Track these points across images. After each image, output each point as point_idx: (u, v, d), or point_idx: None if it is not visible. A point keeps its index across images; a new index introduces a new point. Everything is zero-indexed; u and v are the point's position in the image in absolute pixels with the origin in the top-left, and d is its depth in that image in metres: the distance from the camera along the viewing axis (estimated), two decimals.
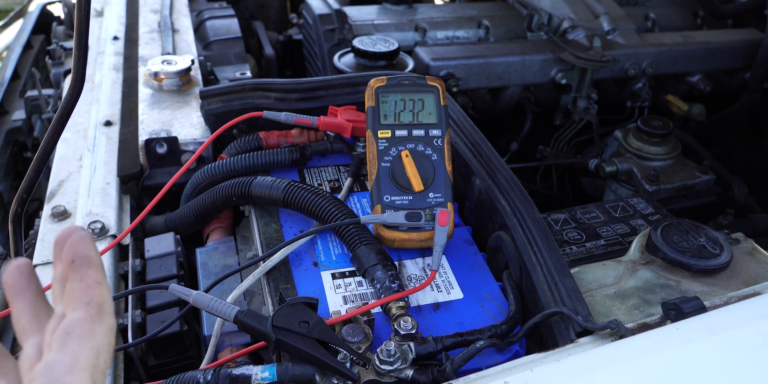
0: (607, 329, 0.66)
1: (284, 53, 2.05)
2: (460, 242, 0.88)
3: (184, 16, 1.61)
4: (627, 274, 0.83)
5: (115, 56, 1.43)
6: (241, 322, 0.67)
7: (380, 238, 0.83)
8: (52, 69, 1.67)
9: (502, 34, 1.80)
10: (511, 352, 0.72)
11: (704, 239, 0.85)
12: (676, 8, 1.98)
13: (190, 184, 0.98)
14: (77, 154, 1.13)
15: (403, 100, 0.88)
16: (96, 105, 1.24)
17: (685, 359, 0.61)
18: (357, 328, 0.69)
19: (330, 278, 0.80)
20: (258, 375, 0.65)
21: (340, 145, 1.03)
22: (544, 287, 0.74)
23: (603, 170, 1.48)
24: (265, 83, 1.07)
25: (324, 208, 0.84)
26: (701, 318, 0.66)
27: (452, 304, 0.78)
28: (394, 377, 0.65)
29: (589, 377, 0.60)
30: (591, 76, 1.66)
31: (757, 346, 0.63)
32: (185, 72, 1.25)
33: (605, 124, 1.82)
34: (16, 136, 1.66)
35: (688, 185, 1.43)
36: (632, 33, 1.75)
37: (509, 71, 1.62)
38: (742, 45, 1.80)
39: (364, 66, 1.47)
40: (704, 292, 0.79)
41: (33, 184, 0.76)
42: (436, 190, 0.84)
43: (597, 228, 1.10)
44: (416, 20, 1.77)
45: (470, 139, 0.99)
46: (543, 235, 0.79)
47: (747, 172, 1.81)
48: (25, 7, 2.24)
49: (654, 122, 1.49)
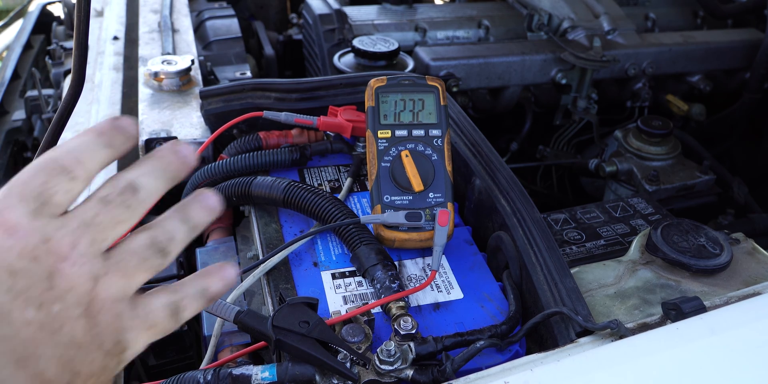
0: (607, 329, 0.66)
1: (284, 53, 2.05)
2: (460, 242, 0.88)
3: (184, 16, 1.61)
4: (627, 274, 0.83)
5: (115, 56, 1.43)
6: (241, 322, 0.68)
7: (380, 238, 0.83)
8: (52, 69, 1.68)
9: (502, 34, 1.80)
10: (511, 352, 0.72)
11: (704, 239, 0.85)
12: (676, 8, 1.98)
13: (190, 184, 0.98)
14: None
15: (403, 100, 0.88)
16: (96, 105, 1.24)
17: (685, 359, 0.61)
18: (357, 328, 0.69)
19: (330, 278, 0.80)
20: (258, 375, 0.65)
21: (340, 145, 1.03)
22: (544, 287, 0.74)
23: (603, 170, 1.48)
24: (265, 83, 1.07)
25: (324, 208, 0.84)
26: (701, 318, 0.66)
27: (452, 304, 0.78)
28: (394, 377, 0.65)
29: (589, 377, 0.60)
30: (591, 76, 1.66)
31: (757, 346, 0.63)
32: (185, 72, 1.25)
33: (605, 124, 1.82)
34: (16, 136, 1.66)
35: (688, 185, 1.43)
36: (632, 33, 1.75)
37: (509, 71, 1.62)
38: (742, 45, 1.80)
39: (364, 66, 1.47)
40: (704, 292, 0.79)
41: None
42: (436, 190, 0.84)
43: (597, 228, 1.10)
44: (416, 20, 1.77)
45: (470, 139, 0.99)
46: (543, 235, 0.79)
47: (747, 172, 1.81)
48: (25, 7, 2.24)
49: (654, 122, 1.49)
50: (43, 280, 0.39)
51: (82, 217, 0.41)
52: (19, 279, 0.39)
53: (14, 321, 0.38)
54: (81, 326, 0.40)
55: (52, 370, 0.39)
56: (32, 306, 0.39)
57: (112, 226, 0.42)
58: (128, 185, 0.43)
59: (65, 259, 0.40)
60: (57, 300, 0.40)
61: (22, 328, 0.38)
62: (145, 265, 0.44)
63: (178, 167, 0.45)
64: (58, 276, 0.40)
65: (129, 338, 0.43)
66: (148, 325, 0.44)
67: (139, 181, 0.43)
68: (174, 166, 0.45)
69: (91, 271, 0.41)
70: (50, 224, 0.40)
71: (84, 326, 0.41)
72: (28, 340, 0.39)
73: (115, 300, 0.42)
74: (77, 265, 0.40)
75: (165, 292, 0.46)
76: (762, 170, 1.83)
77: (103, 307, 0.41)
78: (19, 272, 0.39)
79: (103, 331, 0.42)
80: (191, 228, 0.46)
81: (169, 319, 0.45)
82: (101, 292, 0.41)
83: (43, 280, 0.39)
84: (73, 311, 0.40)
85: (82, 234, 0.41)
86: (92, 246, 0.41)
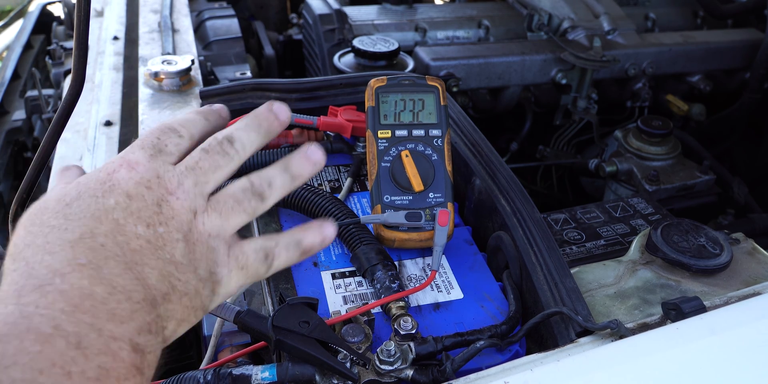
0: (607, 329, 0.66)
1: (284, 53, 2.05)
2: (460, 242, 0.88)
3: (184, 16, 1.61)
4: (627, 274, 0.83)
5: (115, 56, 1.43)
6: (241, 322, 0.67)
7: (380, 238, 0.83)
8: (52, 69, 1.67)
9: (502, 34, 1.80)
10: (511, 352, 0.72)
11: (704, 239, 0.85)
12: (676, 8, 1.98)
13: None
14: (77, 154, 1.13)
15: (403, 100, 0.88)
16: (96, 105, 1.24)
17: (685, 359, 0.61)
18: (357, 328, 0.69)
19: (330, 278, 0.80)
20: (258, 375, 0.65)
21: (340, 145, 1.03)
22: (544, 287, 0.74)
23: (603, 170, 1.48)
24: (265, 83, 1.07)
25: (324, 208, 0.84)
26: (701, 318, 0.66)
27: (452, 304, 0.78)
28: (394, 377, 0.65)
29: (589, 377, 0.60)
30: (591, 76, 1.66)
31: (757, 346, 0.63)
32: (185, 72, 1.24)
33: (605, 124, 1.82)
34: (16, 136, 1.66)
35: (688, 185, 1.43)
36: (632, 33, 1.75)
37: (509, 71, 1.62)
38: (742, 45, 1.80)
39: (364, 66, 1.47)
40: (704, 292, 0.79)
41: (33, 184, 0.76)
42: (436, 190, 0.84)
43: (597, 228, 1.10)
44: (416, 20, 1.77)
45: (470, 139, 0.99)
46: (543, 235, 0.79)
47: (747, 172, 1.81)
48: (25, 7, 2.24)
49: (654, 122, 1.49)
50: (153, 205, 0.47)
51: (187, 162, 0.50)
52: (134, 201, 0.47)
53: (127, 232, 0.46)
54: (180, 249, 0.47)
55: (153, 277, 0.46)
56: (142, 224, 0.47)
57: (212, 171, 0.50)
58: (225, 137, 0.52)
59: (172, 193, 0.48)
60: (162, 223, 0.47)
61: (132, 239, 0.46)
62: (240, 207, 0.51)
63: (272, 123, 0.54)
64: (165, 204, 0.48)
65: (221, 273, 0.50)
66: (240, 266, 0.51)
67: (235, 135, 0.52)
68: (268, 122, 0.54)
69: (191, 206, 0.49)
70: (163, 167, 0.49)
71: (182, 250, 0.48)
72: (136, 249, 0.46)
73: (210, 235, 0.49)
74: (180, 200, 0.48)
75: (261, 239, 0.53)
76: (762, 170, 1.83)
77: (200, 239, 0.49)
78: (135, 196, 0.47)
79: (198, 258, 0.48)
80: (292, 176, 0.54)
81: (261, 264, 0.52)
82: (199, 225, 0.49)
83: (153, 205, 0.47)
84: (175, 235, 0.47)
85: (187, 175, 0.49)
86: (196, 187, 0.49)
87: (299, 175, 0.54)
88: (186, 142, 0.52)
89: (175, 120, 0.53)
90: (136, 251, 0.46)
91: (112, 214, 0.46)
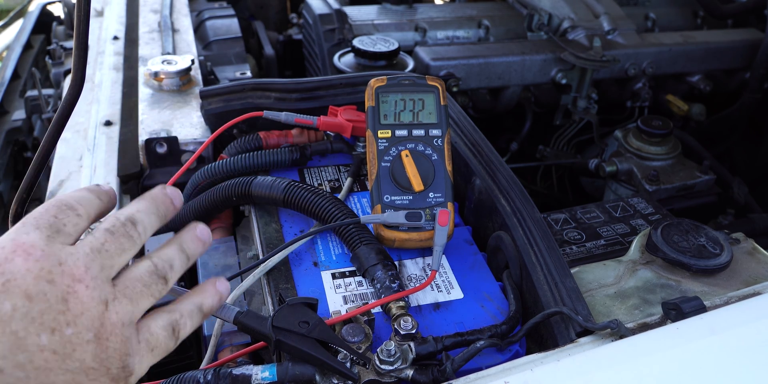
0: (607, 329, 0.66)
1: (284, 53, 2.05)
2: (460, 242, 0.88)
3: (184, 16, 1.61)
4: (627, 274, 0.83)
5: (115, 56, 1.43)
6: (241, 322, 0.67)
7: (380, 238, 0.83)
8: (52, 69, 1.67)
9: (502, 34, 1.80)
10: (511, 352, 0.72)
11: (704, 239, 0.85)
12: (676, 8, 1.98)
13: (190, 184, 0.98)
14: (77, 154, 1.13)
15: (403, 100, 0.88)
16: (96, 105, 1.24)
17: (685, 359, 0.61)
18: (357, 328, 0.69)
19: (330, 278, 0.80)
20: (258, 375, 0.65)
21: (340, 145, 1.03)
22: (544, 287, 0.74)
23: (603, 170, 1.48)
24: (265, 83, 1.07)
25: (324, 208, 0.84)
26: (701, 318, 0.66)
27: (452, 304, 0.78)
28: (394, 377, 0.65)
29: (589, 377, 0.60)
30: (591, 76, 1.66)
31: (757, 346, 0.63)
32: (185, 72, 1.25)
33: (605, 124, 1.82)
34: (16, 136, 1.66)
35: (688, 185, 1.43)
36: (632, 33, 1.75)
37: (509, 71, 1.62)
38: (742, 45, 1.80)
39: (364, 66, 1.47)
40: (704, 292, 0.79)
41: (33, 184, 0.76)
42: (436, 190, 0.84)
43: (597, 228, 1.10)
44: (416, 20, 1.77)
45: (470, 139, 0.99)
46: (543, 235, 0.79)
47: (747, 172, 1.81)
48: (25, 7, 2.24)
49: (654, 122, 1.49)
50: (57, 303, 0.41)
51: (92, 244, 0.45)
52: (35, 303, 0.41)
53: (29, 347, 0.40)
54: (91, 351, 0.42)
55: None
56: (46, 331, 0.41)
57: (118, 254, 0.46)
58: (128, 218, 0.48)
59: (80, 280, 0.43)
60: (70, 323, 0.42)
61: (36, 353, 0.40)
62: (149, 291, 0.47)
63: (168, 207, 0.52)
64: (72, 298, 0.42)
65: (133, 363, 0.45)
66: (151, 348, 0.47)
67: (137, 216, 0.49)
68: (165, 205, 0.52)
69: (101, 295, 0.44)
70: (64, 250, 0.44)
71: (93, 351, 0.43)
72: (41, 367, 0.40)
73: (123, 325, 0.45)
74: (90, 288, 0.43)
75: (163, 313, 0.49)
76: (762, 170, 1.83)
77: (113, 332, 0.44)
78: (35, 296, 0.41)
79: (110, 357, 0.44)
80: (188, 257, 0.51)
81: (169, 339, 0.49)
82: (111, 316, 0.44)
83: (58, 303, 0.41)
84: (85, 336, 0.42)
85: (94, 259, 0.45)
86: (102, 271, 0.45)
87: (193, 255, 0.52)
88: (84, 222, 0.47)
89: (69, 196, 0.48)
90: (41, 369, 0.40)
91: (9, 326, 0.40)
